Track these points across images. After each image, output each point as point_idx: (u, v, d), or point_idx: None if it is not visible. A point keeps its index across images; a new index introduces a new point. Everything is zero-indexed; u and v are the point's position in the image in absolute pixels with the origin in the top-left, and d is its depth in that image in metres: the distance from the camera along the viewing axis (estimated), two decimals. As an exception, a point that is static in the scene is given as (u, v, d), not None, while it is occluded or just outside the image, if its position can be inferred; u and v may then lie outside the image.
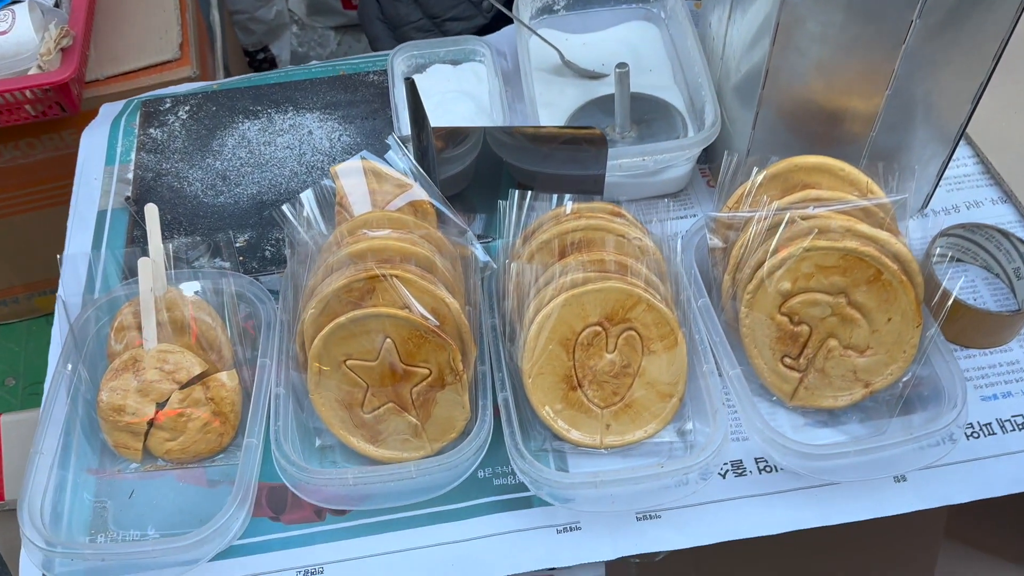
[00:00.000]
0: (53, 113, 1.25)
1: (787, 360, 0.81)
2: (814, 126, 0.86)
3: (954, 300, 0.80)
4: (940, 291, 0.80)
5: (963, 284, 0.90)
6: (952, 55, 0.79)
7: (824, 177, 0.82)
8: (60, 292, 0.90)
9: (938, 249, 0.89)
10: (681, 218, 0.99)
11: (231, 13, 1.99)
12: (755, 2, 0.82)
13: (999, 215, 0.97)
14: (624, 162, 0.92)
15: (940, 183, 0.94)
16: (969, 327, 0.86)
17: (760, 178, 0.83)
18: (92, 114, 1.17)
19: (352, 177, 0.87)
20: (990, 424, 0.83)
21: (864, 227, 0.78)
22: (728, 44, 0.92)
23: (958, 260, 0.93)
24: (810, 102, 0.84)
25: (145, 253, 0.86)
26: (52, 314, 1.01)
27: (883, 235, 0.77)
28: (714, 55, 0.98)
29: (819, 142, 0.86)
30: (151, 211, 0.87)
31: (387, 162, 0.89)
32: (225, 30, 1.66)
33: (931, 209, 0.98)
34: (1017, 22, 0.77)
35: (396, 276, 0.76)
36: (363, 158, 0.89)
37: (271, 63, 2.17)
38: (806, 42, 0.79)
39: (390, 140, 0.90)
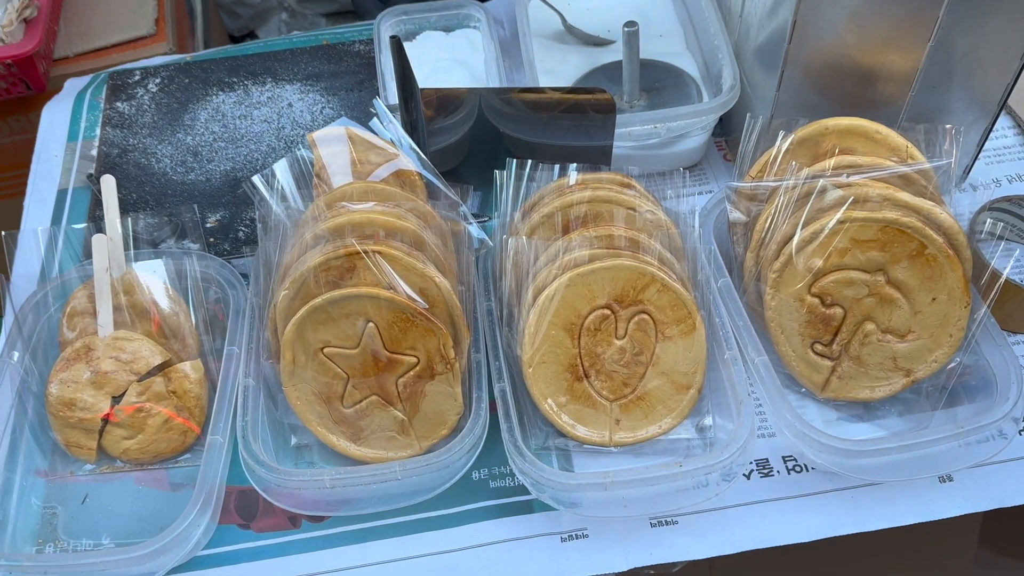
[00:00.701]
0: (18, 91, 1.20)
1: (818, 347, 0.76)
2: (846, 87, 0.81)
3: (1005, 281, 0.74)
4: (988, 271, 0.75)
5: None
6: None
7: (858, 141, 0.77)
8: (10, 276, 0.83)
9: (986, 224, 0.81)
10: (697, 194, 0.94)
11: (216, -6, 1.92)
12: (780, -53, 0.76)
13: (1044, 189, 0.90)
14: (634, 130, 0.86)
15: (979, 155, 0.88)
16: (1018, 310, 0.80)
17: (787, 143, 0.77)
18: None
19: (331, 145, 0.81)
20: (1045, 418, 0.76)
21: (905, 196, 0.73)
22: (748, -1, 0.86)
23: (1004, 239, 0.86)
24: (842, 58, 0.79)
25: (103, 230, 0.78)
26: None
27: (926, 204, 0.72)
28: (732, 14, 0.92)
29: (851, 105, 0.81)
30: (107, 183, 0.81)
31: (371, 130, 0.82)
32: (208, 12, 1.60)
33: (969, 183, 0.91)
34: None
35: (379, 253, 0.72)
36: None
37: (258, 50, 2.10)
38: (838, -12, 0.73)
39: (375, 105, 0.83)
